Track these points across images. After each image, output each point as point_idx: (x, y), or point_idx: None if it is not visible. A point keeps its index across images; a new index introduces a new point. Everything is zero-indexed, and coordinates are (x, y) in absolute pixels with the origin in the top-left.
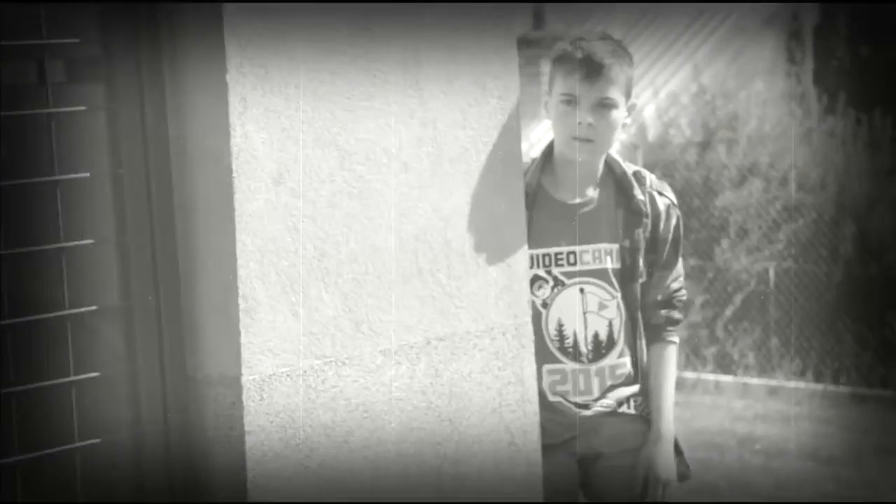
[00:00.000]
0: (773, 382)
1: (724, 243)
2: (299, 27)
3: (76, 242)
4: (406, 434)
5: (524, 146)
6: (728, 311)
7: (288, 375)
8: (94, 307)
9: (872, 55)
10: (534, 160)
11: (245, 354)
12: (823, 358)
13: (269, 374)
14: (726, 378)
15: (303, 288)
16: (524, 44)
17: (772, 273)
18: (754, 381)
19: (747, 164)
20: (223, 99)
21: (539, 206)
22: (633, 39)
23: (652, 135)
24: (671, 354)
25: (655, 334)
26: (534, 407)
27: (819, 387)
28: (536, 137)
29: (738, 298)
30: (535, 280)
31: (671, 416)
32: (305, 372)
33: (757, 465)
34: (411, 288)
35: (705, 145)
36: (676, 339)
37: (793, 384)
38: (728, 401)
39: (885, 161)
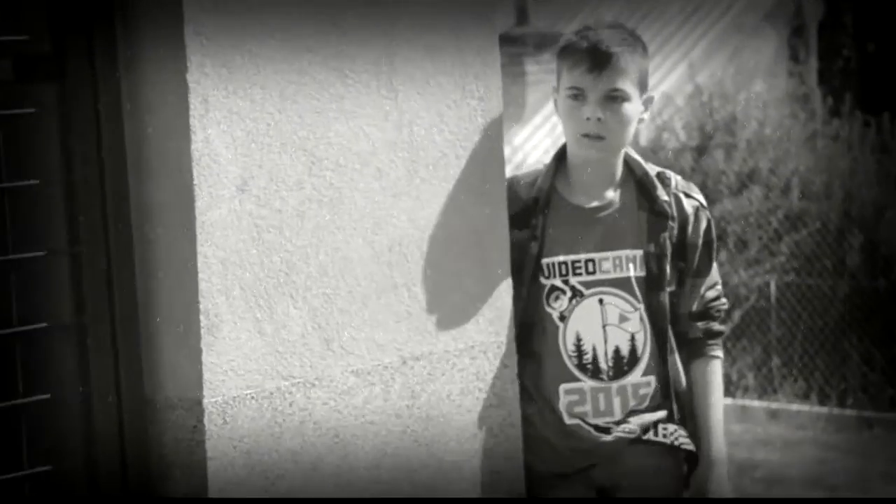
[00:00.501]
0: (774, 405)
1: (722, 255)
2: (265, 23)
3: (26, 255)
4: (380, 460)
5: (507, 150)
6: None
7: (253, 398)
8: (44, 324)
9: (881, 53)
10: (546, 165)
11: (207, 375)
12: (828, 379)
13: (233, 396)
14: (724, 401)
15: (269, 303)
16: (507, 41)
17: (773, 287)
18: (754, 403)
19: (746, 170)
20: (183, 100)
21: (553, 212)
22: None
23: (644, 138)
24: (715, 370)
25: (695, 350)
26: (517, 431)
27: (824, 410)
28: (520, 141)
29: (736, 315)
30: (551, 291)
31: (721, 437)
32: (272, 394)
33: (757, 494)
34: (385, 303)
35: (701, 150)
36: (720, 353)
37: (795, 407)
38: (726, 424)
39: (895, 167)
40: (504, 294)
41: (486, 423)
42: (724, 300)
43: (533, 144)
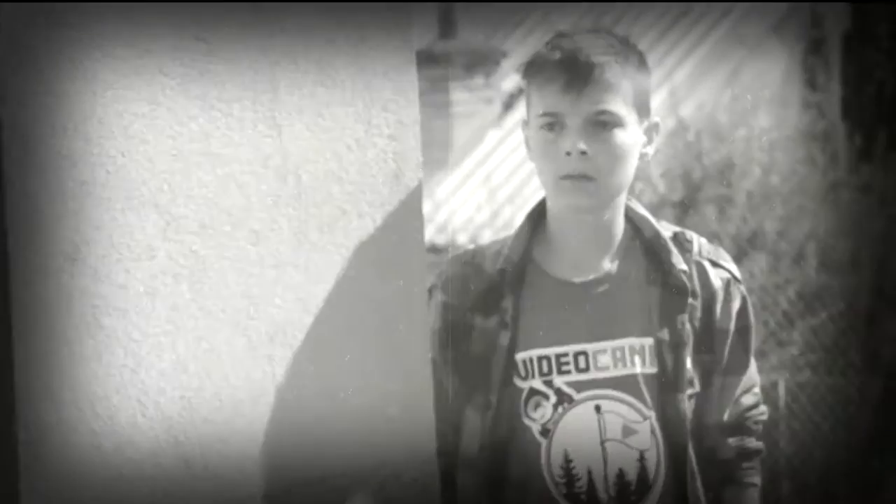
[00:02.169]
0: None
1: None
2: (99, 37)
3: None
4: None
5: (427, 207)
6: None
7: None
8: None
9: None
10: (518, 228)
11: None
12: None
13: None
14: None
15: (109, 412)
16: (427, 60)
17: (782, 389)
18: None
19: (747, 232)
20: None
21: (530, 290)
22: None
23: None
24: (751, 503)
25: (726, 474)
26: None
27: None
28: (445, 193)
29: None
30: (530, 396)
31: None
32: None
33: None
34: (264, 410)
35: (686, 205)
36: (757, 478)
37: None
38: None
39: None
40: (423, 393)
41: None
42: (763, 408)
43: (462, 198)
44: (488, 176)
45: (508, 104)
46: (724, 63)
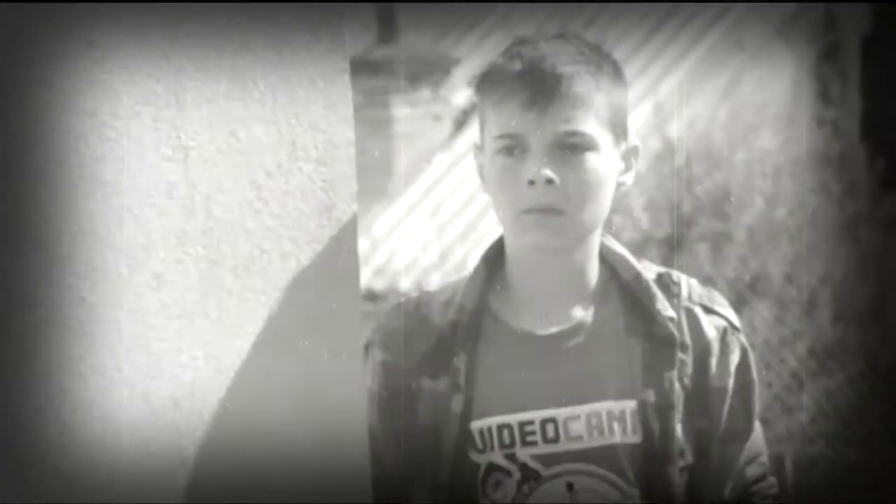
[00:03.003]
0: None
1: None
2: None
3: None
4: None
5: (363, 245)
6: None
7: None
8: None
9: None
10: (472, 272)
11: None
12: None
13: None
14: None
15: None
16: (364, 69)
17: (789, 464)
18: None
19: (747, 276)
20: None
21: (486, 345)
22: None
23: None
24: None
25: None
26: None
27: None
28: (385, 229)
29: None
30: (489, 473)
31: None
32: None
33: None
34: (171, 488)
35: (675, 243)
36: None
37: None
38: None
39: None
40: (360, 467)
41: None
42: (772, 480)
43: (405, 235)
44: (436, 208)
45: (461, 122)
46: (719, 73)
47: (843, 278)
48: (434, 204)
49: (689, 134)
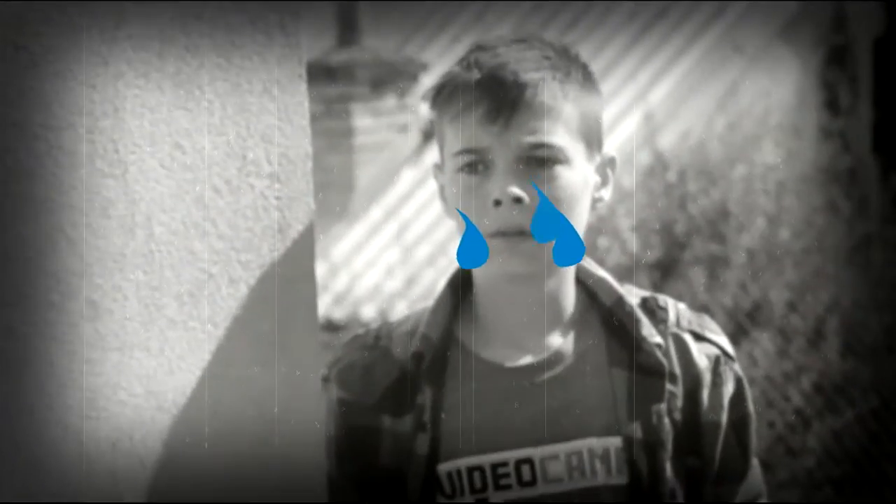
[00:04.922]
0: None
1: None
2: None
3: None
4: None
5: (321, 270)
6: None
7: None
8: None
9: None
10: (436, 300)
11: None
12: None
13: None
14: None
15: None
16: (322, 74)
17: None
18: None
19: (747, 304)
20: None
21: (454, 380)
22: None
23: None
24: None
25: None
26: None
27: None
28: (346, 253)
29: None
30: None
31: None
32: None
33: None
34: None
35: (667, 268)
36: None
37: None
38: None
39: None
40: None
41: None
42: None
43: (368, 259)
44: (402, 229)
45: (429, 133)
46: (715, 79)
47: (853, 306)
48: (399, 224)
49: (683, 147)
